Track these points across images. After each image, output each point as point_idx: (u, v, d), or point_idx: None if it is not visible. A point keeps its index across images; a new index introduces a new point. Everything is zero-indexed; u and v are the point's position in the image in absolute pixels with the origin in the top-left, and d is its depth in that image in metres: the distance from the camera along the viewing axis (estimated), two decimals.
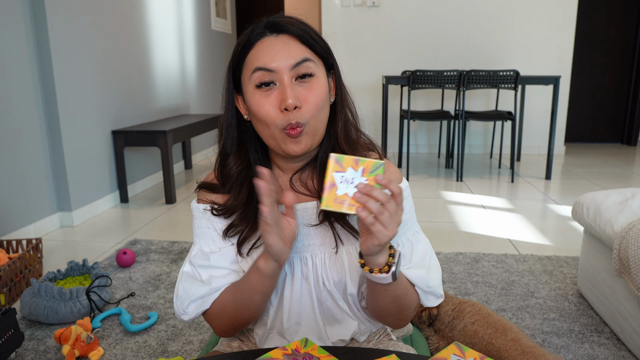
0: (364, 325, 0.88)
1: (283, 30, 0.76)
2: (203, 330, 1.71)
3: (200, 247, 0.85)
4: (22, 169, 2.54)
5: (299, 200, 0.84)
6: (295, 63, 0.74)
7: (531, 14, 4.85)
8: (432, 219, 2.92)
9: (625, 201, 1.63)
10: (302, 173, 0.84)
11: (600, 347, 1.58)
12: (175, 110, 4.31)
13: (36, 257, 2.13)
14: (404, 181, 0.86)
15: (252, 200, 0.81)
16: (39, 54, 2.62)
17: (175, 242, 2.54)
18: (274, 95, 0.75)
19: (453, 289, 1.99)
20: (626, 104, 5.60)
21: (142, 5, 3.67)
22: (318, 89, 0.76)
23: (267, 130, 0.76)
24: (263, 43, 0.76)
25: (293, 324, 0.85)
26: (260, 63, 0.75)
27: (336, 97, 0.83)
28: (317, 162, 0.82)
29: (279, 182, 0.85)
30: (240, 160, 0.82)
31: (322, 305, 0.85)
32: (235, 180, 0.82)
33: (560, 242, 2.54)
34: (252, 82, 0.76)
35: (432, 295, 0.85)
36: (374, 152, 0.86)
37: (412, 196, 0.88)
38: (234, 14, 5.95)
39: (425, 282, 0.82)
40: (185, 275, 0.84)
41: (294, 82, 0.75)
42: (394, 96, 5.04)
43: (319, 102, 0.76)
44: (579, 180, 3.93)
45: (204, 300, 0.82)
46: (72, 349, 1.50)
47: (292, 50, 0.75)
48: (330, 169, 0.66)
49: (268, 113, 0.75)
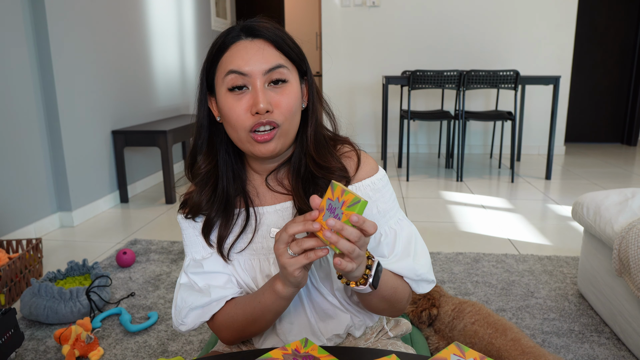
0: (357, 318, 0.88)
1: (258, 34, 0.76)
2: (203, 330, 1.71)
3: (192, 256, 0.86)
4: (22, 169, 2.54)
5: (277, 200, 0.84)
6: (268, 68, 0.75)
7: (531, 14, 4.85)
8: (432, 219, 2.92)
9: (625, 201, 1.63)
10: (277, 173, 0.85)
11: (600, 347, 1.58)
12: (175, 110, 4.31)
13: (36, 257, 2.13)
14: (380, 170, 0.87)
15: (217, 193, 0.82)
16: (39, 54, 2.62)
17: (175, 242, 2.54)
18: (246, 99, 0.75)
19: (453, 289, 1.99)
20: (626, 104, 5.60)
21: (142, 5, 3.67)
22: (290, 95, 0.77)
23: (236, 133, 0.77)
24: (238, 46, 0.76)
25: (286, 324, 0.86)
26: (233, 66, 0.75)
27: (308, 102, 0.83)
28: (291, 164, 0.83)
29: (254, 185, 0.86)
30: (208, 161, 0.83)
31: (313, 302, 0.85)
32: (202, 178, 0.83)
33: (560, 242, 2.54)
34: (225, 84, 0.76)
35: (424, 282, 0.85)
36: (348, 145, 0.86)
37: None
38: (234, 14, 5.95)
39: (414, 271, 0.82)
40: (183, 287, 0.85)
41: (266, 87, 0.76)
42: (394, 96, 5.04)
43: (291, 107, 0.77)
44: (579, 180, 3.93)
45: (204, 311, 0.82)
46: (72, 349, 1.50)
47: (266, 55, 0.75)
48: (326, 195, 0.68)
49: (239, 116, 0.75)
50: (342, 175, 0.81)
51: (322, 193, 0.79)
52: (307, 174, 0.82)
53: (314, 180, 0.81)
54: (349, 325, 0.87)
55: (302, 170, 0.82)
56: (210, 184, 0.83)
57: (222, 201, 0.82)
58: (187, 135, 3.55)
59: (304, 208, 0.79)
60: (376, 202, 0.83)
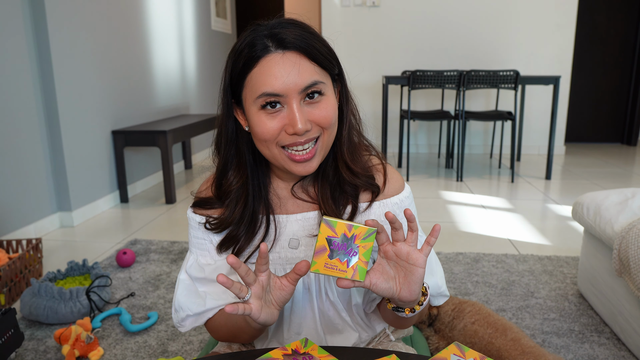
0: (365, 334, 0.88)
1: (289, 45, 0.70)
2: (203, 330, 1.71)
3: (196, 258, 0.84)
4: (22, 169, 2.54)
5: (299, 209, 0.82)
6: (305, 86, 0.69)
7: (531, 14, 4.85)
8: (432, 219, 2.92)
9: (625, 201, 1.62)
10: (303, 181, 0.82)
11: (600, 347, 1.58)
12: (175, 110, 4.31)
13: (36, 257, 2.13)
14: (407, 187, 0.85)
15: (246, 213, 0.79)
16: (39, 53, 2.62)
17: (175, 242, 2.54)
18: (280, 116, 0.70)
19: (453, 289, 1.99)
20: (626, 103, 5.59)
21: (142, 5, 3.67)
22: (328, 107, 0.72)
23: (269, 151, 0.73)
24: (269, 62, 0.69)
25: (294, 335, 0.85)
26: (267, 88, 0.69)
27: (341, 103, 0.79)
28: (320, 170, 0.80)
29: (278, 193, 0.82)
30: (240, 175, 0.79)
31: (324, 315, 0.84)
32: (234, 195, 0.79)
33: (560, 242, 2.54)
34: (256, 104, 0.71)
35: (441, 297, 0.86)
36: (374, 157, 0.84)
37: (412, 197, 0.88)
38: (234, 14, 5.95)
39: (436, 289, 0.83)
40: (182, 285, 0.84)
41: (302, 104, 0.71)
42: (394, 96, 5.04)
43: (330, 121, 0.72)
44: (579, 180, 3.93)
45: (198, 318, 0.83)
46: (72, 349, 1.50)
47: (302, 72, 0.69)
48: (322, 233, 0.65)
49: (272, 135, 0.71)
50: (370, 184, 0.79)
51: (348, 200, 0.78)
52: (335, 179, 0.78)
53: (341, 186, 0.78)
54: (356, 342, 0.87)
55: (331, 175, 0.79)
56: (241, 201, 0.78)
57: (249, 219, 0.79)
58: (187, 135, 3.55)
59: (330, 215, 0.77)
60: (402, 220, 0.81)
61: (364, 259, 0.65)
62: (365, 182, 0.79)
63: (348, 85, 0.81)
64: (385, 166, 0.83)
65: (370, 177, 0.80)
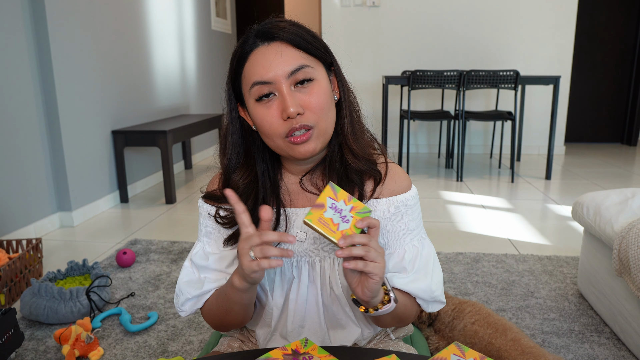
0: (367, 331, 0.88)
1: (274, 37, 0.74)
2: (203, 330, 1.71)
3: (202, 246, 0.87)
4: (22, 169, 2.54)
5: (308, 202, 0.83)
6: (291, 70, 0.73)
7: (531, 14, 4.85)
8: (432, 219, 2.92)
9: (625, 201, 1.63)
10: (312, 174, 0.84)
11: (600, 347, 1.58)
12: (175, 110, 4.31)
13: (36, 257, 2.13)
14: (413, 188, 0.86)
15: (256, 208, 0.80)
16: (39, 53, 2.62)
17: (175, 242, 2.54)
18: (275, 105, 0.74)
19: (453, 289, 1.99)
20: (626, 104, 5.60)
21: (142, 5, 3.67)
22: (319, 93, 0.75)
23: (273, 142, 0.76)
24: (256, 54, 0.74)
25: (297, 327, 0.85)
26: (256, 77, 0.73)
27: (340, 94, 0.82)
28: (327, 162, 0.82)
29: (288, 189, 0.85)
30: (247, 173, 0.82)
31: (328, 309, 0.85)
32: (242, 193, 0.80)
33: (560, 242, 2.54)
34: (252, 96, 0.75)
35: (436, 303, 0.85)
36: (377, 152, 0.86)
37: (418, 197, 0.88)
38: (234, 14, 5.95)
39: (429, 293, 0.82)
40: (185, 271, 0.87)
41: (293, 89, 0.74)
42: (394, 96, 5.04)
43: (322, 106, 0.75)
44: (579, 180, 3.93)
45: (197, 300, 0.85)
46: (72, 349, 1.50)
47: (285, 57, 0.73)
48: (325, 193, 0.69)
49: (272, 124, 0.74)
50: (372, 169, 0.81)
51: (354, 188, 0.81)
52: (342, 168, 0.81)
53: (347, 175, 0.80)
54: (358, 338, 0.87)
55: (337, 165, 0.81)
56: (251, 197, 0.81)
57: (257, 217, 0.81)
58: (187, 135, 3.55)
59: None
60: (405, 218, 0.83)
61: (353, 230, 0.68)
62: (367, 165, 0.81)
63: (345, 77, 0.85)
64: (389, 166, 0.84)
65: (372, 162, 0.82)
